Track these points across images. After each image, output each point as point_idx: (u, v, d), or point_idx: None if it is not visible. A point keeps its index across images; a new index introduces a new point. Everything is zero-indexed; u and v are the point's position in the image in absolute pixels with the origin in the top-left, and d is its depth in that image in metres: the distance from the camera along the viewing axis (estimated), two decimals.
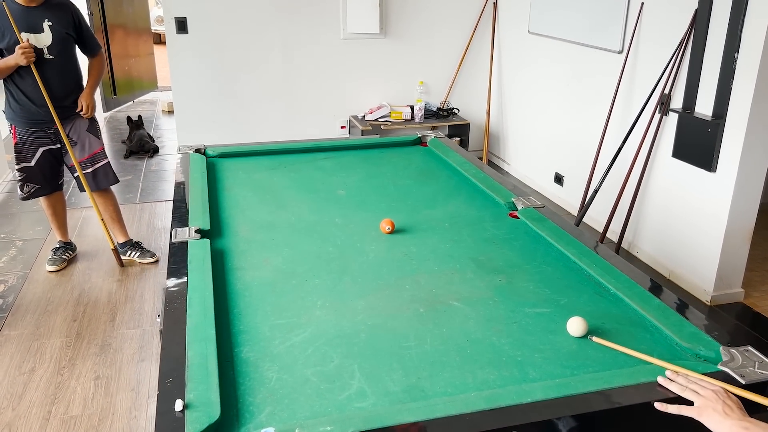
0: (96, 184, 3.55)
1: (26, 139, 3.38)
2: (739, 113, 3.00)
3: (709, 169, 3.19)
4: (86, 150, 3.49)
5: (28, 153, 3.40)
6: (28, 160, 3.41)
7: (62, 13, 3.27)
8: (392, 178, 2.66)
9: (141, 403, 2.55)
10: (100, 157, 3.55)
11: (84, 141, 3.48)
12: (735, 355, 1.39)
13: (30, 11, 3.16)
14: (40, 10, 3.19)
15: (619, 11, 3.77)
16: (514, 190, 2.43)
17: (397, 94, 5.40)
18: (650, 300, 1.64)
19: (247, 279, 1.80)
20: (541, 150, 4.85)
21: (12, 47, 3.15)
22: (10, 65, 3.16)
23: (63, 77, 3.33)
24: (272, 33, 5.00)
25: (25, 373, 2.74)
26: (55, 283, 3.49)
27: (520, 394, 1.27)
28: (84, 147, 3.48)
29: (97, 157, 3.54)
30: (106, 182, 3.59)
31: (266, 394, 1.31)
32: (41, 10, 3.20)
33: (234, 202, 2.38)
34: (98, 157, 3.54)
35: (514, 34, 5.09)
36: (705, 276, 3.31)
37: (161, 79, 8.58)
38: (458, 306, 1.66)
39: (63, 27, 3.27)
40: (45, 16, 3.20)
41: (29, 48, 3.13)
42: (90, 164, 3.51)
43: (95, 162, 3.53)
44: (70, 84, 3.39)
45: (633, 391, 1.29)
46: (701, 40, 3.17)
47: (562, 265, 1.88)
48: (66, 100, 3.36)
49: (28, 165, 3.42)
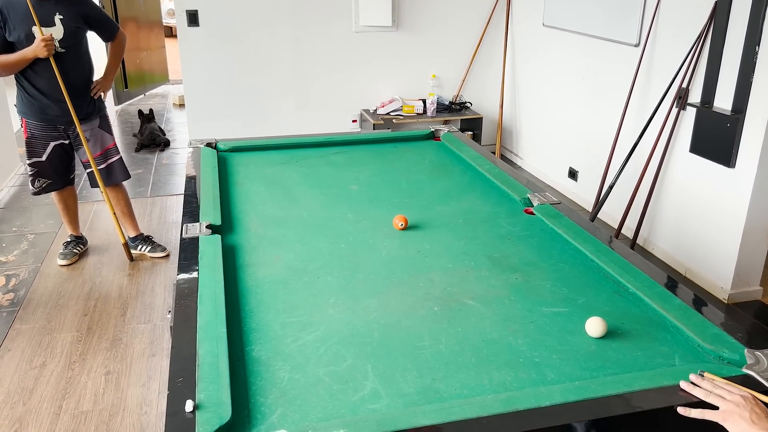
0: (109, 180, 3.55)
1: (37, 133, 3.37)
2: (760, 108, 2.94)
3: (728, 164, 3.13)
4: (98, 146, 3.48)
5: (39, 148, 3.39)
6: (39, 155, 3.40)
7: (73, 6, 3.25)
8: (405, 173, 2.62)
9: (152, 398, 2.54)
10: (113, 153, 3.54)
11: (96, 137, 3.47)
12: (760, 357, 1.34)
13: (41, 5, 3.14)
14: (52, 4, 3.18)
15: (637, 3, 3.70)
16: (529, 186, 2.39)
17: (409, 88, 5.36)
18: (671, 300, 1.59)
19: (258, 276, 1.78)
20: (554, 145, 4.79)
21: (23, 41, 3.13)
22: (28, 57, 3.14)
23: (74, 71, 3.32)
24: (284, 26, 4.96)
25: (36, 367, 2.74)
26: (66, 277, 3.49)
27: (538, 397, 1.23)
28: (96, 143, 3.47)
29: (110, 153, 3.53)
30: (119, 178, 3.58)
31: (278, 395, 1.28)
32: (52, 4, 3.18)
33: (245, 197, 2.36)
34: (110, 153, 3.53)
35: (528, 27, 5.03)
36: (722, 274, 3.25)
37: (172, 73, 8.57)
38: (473, 305, 1.63)
39: (73, 20, 3.25)
40: (56, 10, 3.18)
41: (51, 40, 3.12)
42: (102, 160, 3.50)
43: (107, 158, 3.52)
44: (82, 78, 3.38)
45: (655, 395, 1.25)
46: (721, 33, 3.10)
47: (579, 263, 1.84)
48: (77, 93, 3.35)
49: (39, 160, 3.41)
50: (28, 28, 3.13)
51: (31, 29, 3.13)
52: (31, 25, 3.12)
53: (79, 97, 3.36)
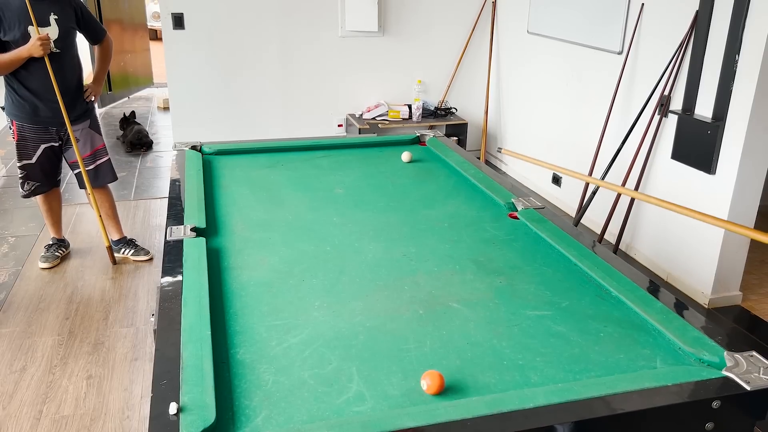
0: (96, 181, 3.53)
1: (28, 135, 3.34)
2: (740, 115, 2.99)
3: (709, 171, 3.18)
4: (88, 146, 3.46)
5: (29, 150, 3.36)
6: (30, 157, 3.37)
7: (66, 6, 3.24)
8: (390, 177, 2.63)
9: (134, 403, 2.52)
10: (101, 154, 3.53)
11: (86, 138, 3.45)
12: (739, 360, 1.36)
13: (36, 5, 3.12)
14: (47, 4, 3.16)
15: (619, 12, 3.75)
16: (513, 190, 2.41)
17: (395, 93, 5.38)
18: (652, 303, 1.61)
19: (243, 278, 1.77)
20: (539, 150, 4.83)
21: (19, 41, 3.10)
22: (23, 57, 3.11)
23: (67, 71, 3.31)
24: (270, 30, 4.96)
25: (16, 371, 2.70)
26: (48, 281, 3.45)
27: (522, 399, 1.24)
28: (86, 143, 3.45)
29: (99, 154, 3.51)
30: (107, 179, 3.57)
31: (262, 397, 1.28)
32: (47, 4, 3.16)
33: (230, 200, 2.35)
34: (99, 154, 3.52)
35: (513, 34, 5.07)
36: (703, 279, 3.29)
37: (157, 76, 8.53)
38: (458, 308, 1.63)
39: (67, 21, 3.24)
40: (51, 10, 3.17)
41: (48, 39, 3.09)
42: (91, 161, 3.48)
43: (96, 159, 3.50)
44: (74, 79, 3.37)
45: (637, 397, 1.26)
46: (702, 42, 3.16)
47: (563, 267, 1.86)
48: (69, 95, 3.33)
49: (29, 162, 3.38)
50: (24, 27, 3.10)
51: (27, 29, 3.10)
52: (27, 24, 3.10)
53: (73, 97, 3.35)
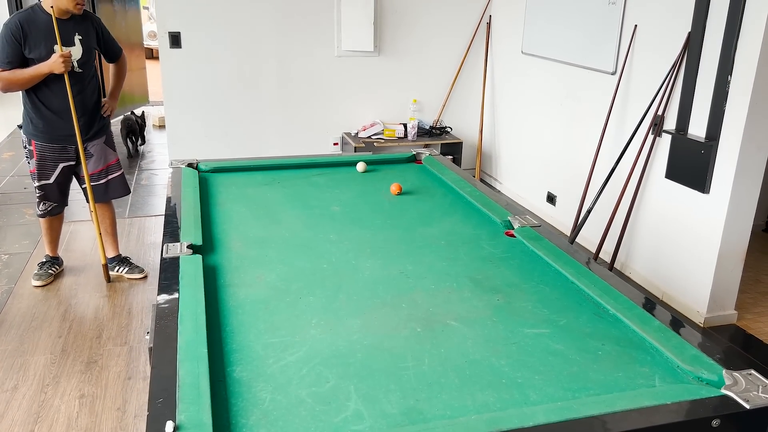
0: (106, 195, 3.54)
1: (47, 155, 3.34)
2: (733, 135, 3.01)
3: (703, 190, 3.20)
4: (101, 162, 3.48)
5: (48, 170, 3.37)
6: (48, 177, 3.38)
7: (89, 26, 3.28)
8: (387, 195, 2.63)
9: (127, 422, 2.49)
10: (115, 169, 3.55)
11: (101, 153, 3.48)
12: (738, 378, 1.36)
13: (62, 24, 3.14)
14: (71, 24, 3.19)
15: (613, 33, 3.80)
16: (509, 208, 2.41)
17: (391, 112, 5.41)
18: (650, 321, 1.61)
19: (240, 296, 1.76)
20: (533, 169, 4.86)
21: (44, 59, 3.12)
22: (43, 72, 3.12)
23: (88, 90, 3.34)
24: (267, 49, 4.99)
25: (8, 390, 2.67)
26: (41, 298, 3.42)
27: (521, 418, 1.23)
28: (100, 158, 3.47)
29: (112, 169, 3.53)
30: (116, 193, 3.59)
31: (260, 416, 1.27)
32: (72, 24, 3.19)
33: (227, 218, 2.35)
34: (112, 169, 3.54)
35: (507, 54, 5.12)
36: (698, 297, 3.30)
37: (152, 94, 8.55)
38: (456, 326, 1.63)
39: (90, 41, 3.28)
40: (76, 30, 3.20)
41: (69, 57, 3.11)
42: (104, 175, 3.50)
43: (109, 173, 3.52)
44: (94, 97, 3.40)
45: (636, 415, 1.26)
46: (694, 62, 3.19)
47: (560, 285, 1.86)
48: (89, 113, 3.36)
49: (47, 182, 3.39)
50: (50, 46, 3.12)
51: (52, 48, 3.13)
52: (53, 43, 3.12)
53: (92, 115, 3.39)
